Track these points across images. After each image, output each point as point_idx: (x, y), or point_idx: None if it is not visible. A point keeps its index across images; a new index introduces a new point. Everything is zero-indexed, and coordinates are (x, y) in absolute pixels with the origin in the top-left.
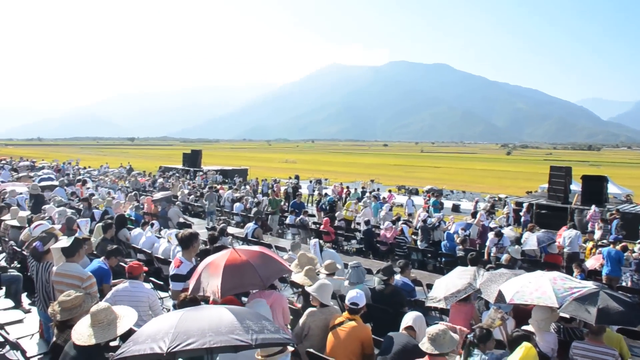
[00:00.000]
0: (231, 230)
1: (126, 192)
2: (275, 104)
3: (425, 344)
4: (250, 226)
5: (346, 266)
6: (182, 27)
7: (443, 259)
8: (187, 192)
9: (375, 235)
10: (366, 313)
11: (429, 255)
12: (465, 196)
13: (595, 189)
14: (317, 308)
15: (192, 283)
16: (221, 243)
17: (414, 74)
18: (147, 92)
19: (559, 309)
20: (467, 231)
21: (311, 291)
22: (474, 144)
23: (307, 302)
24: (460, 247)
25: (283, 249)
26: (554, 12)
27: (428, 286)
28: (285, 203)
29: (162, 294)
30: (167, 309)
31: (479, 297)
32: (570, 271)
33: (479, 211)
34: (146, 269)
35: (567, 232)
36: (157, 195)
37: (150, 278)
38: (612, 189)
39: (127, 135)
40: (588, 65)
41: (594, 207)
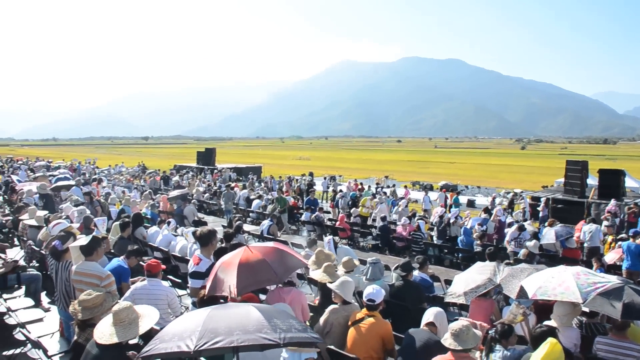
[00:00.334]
0: (247, 227)
1: (141, 190)
2: (288, 101)
3: (448, 340)
4: (266, 223)
5: (364, 262)
6: (195, 26)
7: (460, 255)
8: (202, 190)
9: (391, 232)
10: (385, 309)
11: (446, 251)
12: (480, 191)
13: (612, 182)
14: (339, 305)
15: (209, 283)
16: (237, 241)
17: (426, 69)
18: (161, 92)
19: (583, 304)
20: (483, 226)
21: (333, 288)
22: (488, 139)
23: (326, 299)
24: (478, 242)
25: (299, 246)
26: (567, 4)
27: (446, 282)
28: (300, 200)
29: (180, 292)
30: (185, 306)
31: (499, 293)
32: (589, 265)
33: (496, 207)
34: (164, 267)
35: (588, 226)
36: (173, 194)
37: (168, 276)
38: (629, 182)
39: (141, 135)
40: (603, 58)
41: (613, 201)
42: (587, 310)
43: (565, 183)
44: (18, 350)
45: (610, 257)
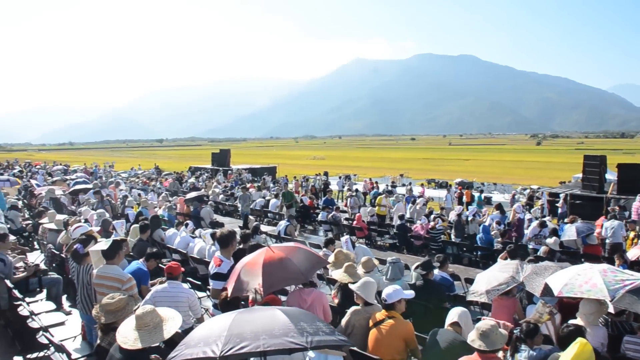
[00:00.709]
0: (264, 228)
1: (158, 192)
2: (301, 101)
3: (477, 341)
4: (283, 224)
5: (383, 262)
6: (209, 27)
7: (479, 253)
8: (218, 191)
9: (409, 230)
10: (406, 309)
11: (465, 249)
12: (496, 188)
13: (631, 177)
14: (360, 306)
15: (232, 284)
16: (255, 241)
17: (439, 66)
18: (174, 94)
19: (611, 301)
20: (501, 225)
21: (355, 289)
22: (503, 135)
23: (345, 299)
24: (499, 239)
25: (317, 246)
26: None
27: (466, 280)
28: (316, 200)
29: (200, 294)
30: (205, 308)
31: (521, 291)
32: (610, 262)
33: (516, 203)
34: (183, 269)
35: (609, 222)
36: (190, 196)
37: (188, 278)
38: None
39: (156, 137)
40: (619, 50)
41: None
42: (611, 309)
43: (583, 178)
44: (41, 354)
45: (633, 253)
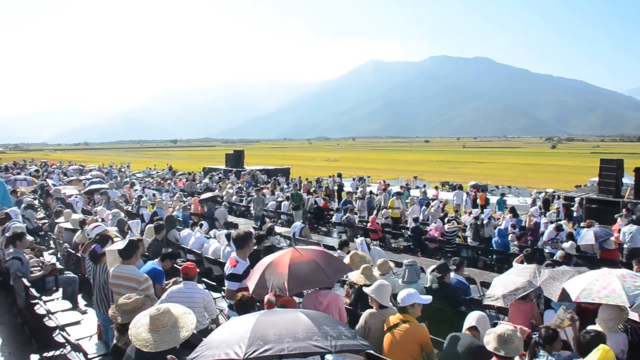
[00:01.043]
0: (278, 229)
1: (172, 192)
2: (315, 102)
3: (492, 343)
4: (298, 225)
5: (398, 265)
6: (222, 28)
7: (494, 256)
8: (232, 192)
9: (423, 233)
10: (421, 312)
11: (480, 252)
12: (511, 191)
13: None
14: (375, 310)
15: (253, 283)
16: (269, 243)
17: (454, 68)
18: (188, 95)
19: (630, 308)
20: (516, 228)
21: (369, 292)
22: (518, 138)
23: (358, 299)
24: (515, 243)
25: (331, 248)
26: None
27: (482, 284)
28: (329, 201)
29: (215, 295)
30: (219, 309)
31: (538, 296)
32: (628, 267)
33: (533, 207)
34: (198, 270)
35: (627, 227)
36: (204, 196)
37: (203, 279)
38: None
39: (170, 137)
40: (635, 53)
41: None
42: (635, 317)
43: (599, 182)
44: (58, 352)
45: None
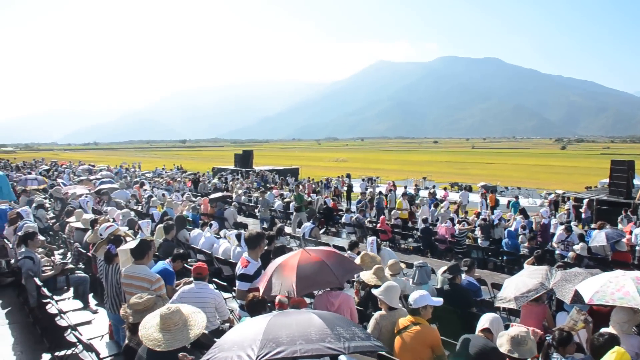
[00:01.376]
0: (288, 229)
1: (182, 192)
2: (323, 103)
3: (508, 348)
4: (307, 225)
5: (410, 266)
6: (231, 29)
7: (504, 258)
8: (241, 192)
9: (433, 234)
10: (432, 313)
11: (490, 254)
12: (520, 192)
13: None
14: (385, 312)
15: (263, 284)
16: (279, 243)
17: (463, 68)
18: (197, 95)
19: None
20: (526, 229)
21: (378, 294)
22: (527, 139)
23: (368, 299)
24: (526, 244)
25: (341, 248)
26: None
27: (493, 286)
28: (338, 202)
29: (225, 295)
30: (230, 309)
31: (550, 298)
32: None
33: (543, 208)
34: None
35: (638, 229)
36: (214, 196)
37: (214, 279)
38: None
39: (179, 138)
40: None
41: None
42: None
43: (610, 184)
44: (69, 352)
45: None
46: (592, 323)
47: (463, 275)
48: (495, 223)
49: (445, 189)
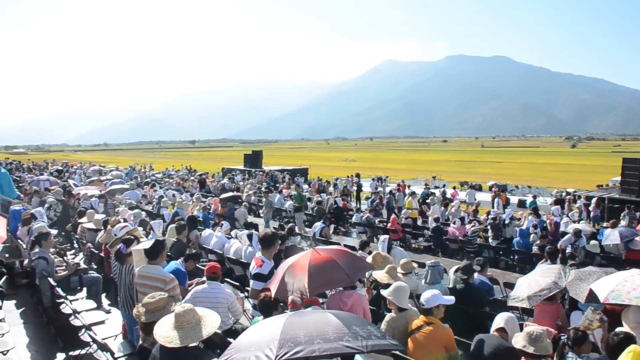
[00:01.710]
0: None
1: (191, 193)
2: (332, 103)
3: (526, 345)
4: (318, 225)
5: (422, 265)
6: (241, 28)
7: (516, 257)
8: (251, 192)
9: (444, 233)
10: (445, 313)
11: (501, 253)
12: (530, 191)
13: None
14: (394, 313)
15: (275, 285)
16: (290, 243)
17: (472, 67)
18: (206, 96)
19: None
20: (537, 229)
21: (386, 295)
22: (537, 138)
23: (380, 297)
24: (538, 242)
25: (352, 248)
26: None
27: (505, 285)
28: (348, 201)
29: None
30: (244, 309)
31: (563, 297)
32: None
33: (553, 207)
34: None
35: None
36: (224, 196)
37: (226, 279)
38: None
39: (188, 138)
40: None
41: None
42: None
43: (622, 182)
44: (84, 351)
45: None
46: (607, 322)
47: (475, 274)
48: (506, 222)
49: (454, 188)
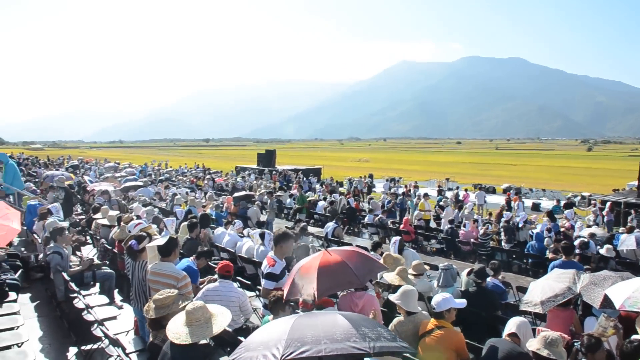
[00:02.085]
0: (311, 229)
1: (205, 191)
2: (346, 103)
3: (542, 350)
4: (330, 225)
5: (434, 267)
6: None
7: (529, 260)
8: (264, 191)
9: (457, 235)
10: (457, 316)
11: (514, 256)
12: (545, 194)
13: None
14: (403, 317)
15: (287, 288)
16: (302, 242)
17: (487, 68)
18: (220, 95)
19: None
20: (551, 232)
21: (394, 299)
22: (552, 141)
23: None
24: (552, 246)
25: (364, 249)
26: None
27: (518, 289)
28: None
29: (249, 294)
30: (254, 308)
31: (576, 302)
32: None
33: (566, 211)
34: None
35: None
36: (237, 195)
37: (238, 278)
38: None
39: (202, 137)
40: None
41: None
42: None
43: (638, 186)
44: (96, 346)
45: None
46: (622, 329)
47: (488, 278)
48: (520, 226)
49: (466, 190)
